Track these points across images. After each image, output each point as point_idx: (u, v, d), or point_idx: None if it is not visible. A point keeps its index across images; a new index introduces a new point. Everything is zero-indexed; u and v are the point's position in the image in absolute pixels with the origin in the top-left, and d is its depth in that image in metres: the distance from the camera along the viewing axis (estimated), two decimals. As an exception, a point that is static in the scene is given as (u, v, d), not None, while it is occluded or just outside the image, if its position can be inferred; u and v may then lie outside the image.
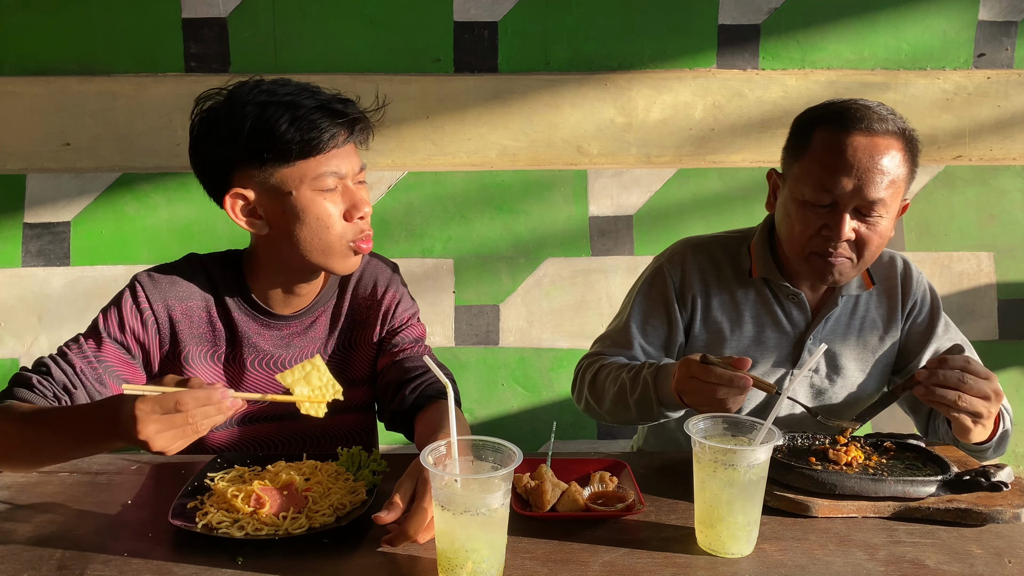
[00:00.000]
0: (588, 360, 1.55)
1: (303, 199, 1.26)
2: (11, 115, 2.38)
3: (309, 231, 1.27)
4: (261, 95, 1.24)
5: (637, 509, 1.09)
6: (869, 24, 2.43)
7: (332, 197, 1.28)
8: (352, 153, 1.30)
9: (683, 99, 2.46)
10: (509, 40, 2.42)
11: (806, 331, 1.51)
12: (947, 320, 1.56)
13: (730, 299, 1.53)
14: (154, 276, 1.36)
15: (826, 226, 1.36)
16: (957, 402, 1.20)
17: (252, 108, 1.23)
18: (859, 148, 1.33)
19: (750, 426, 1.06)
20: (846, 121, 1.35)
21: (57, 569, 0.96)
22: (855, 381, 1.54)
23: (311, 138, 1.23)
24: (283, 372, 1.14)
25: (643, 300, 1.55)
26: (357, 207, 1.29)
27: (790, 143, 1.44)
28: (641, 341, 1.53)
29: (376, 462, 1.18)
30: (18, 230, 2.42)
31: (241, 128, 1.23)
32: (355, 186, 1.30)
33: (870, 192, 1.32)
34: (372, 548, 1.01)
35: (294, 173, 1.25)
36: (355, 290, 1.44)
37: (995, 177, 2.52)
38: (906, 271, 1.55)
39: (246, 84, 1.27)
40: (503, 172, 2.48)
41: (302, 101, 1.24)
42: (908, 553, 1.02)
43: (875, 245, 1.38)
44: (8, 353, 2.47)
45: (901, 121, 1.37)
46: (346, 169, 1.28)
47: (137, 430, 1.00)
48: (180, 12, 2.36)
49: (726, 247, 1.56)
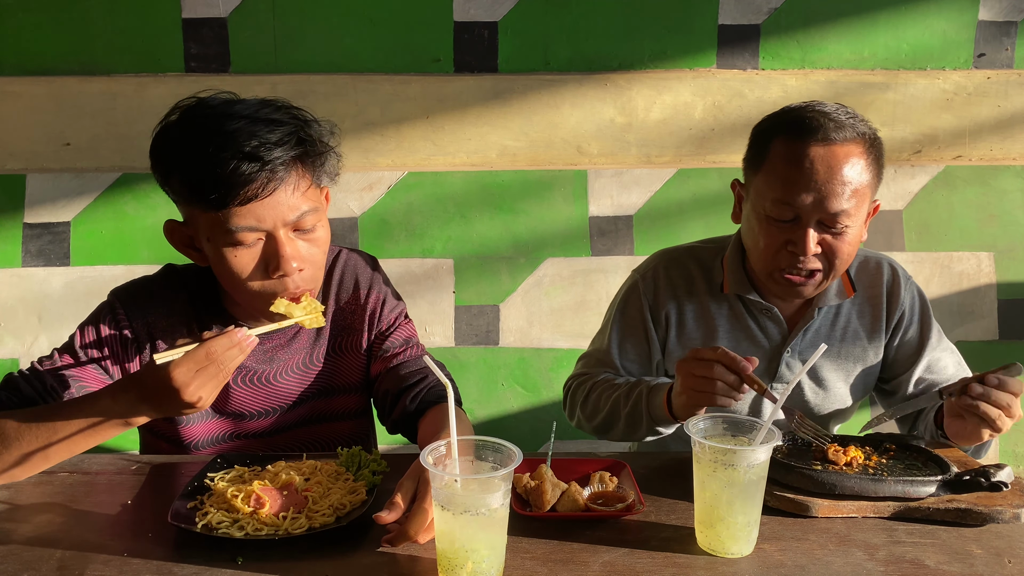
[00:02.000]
0: (576, 380, 1.55)
1: (218, 249, 1.16)
2: (11, 115, 2.38)
3: (227, 283, 1.20)
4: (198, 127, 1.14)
5: (637, 509, 1.09)
6: (869, 24, 2.43)
7: (248, 251, 1.15)
8: (282, 203, 1.14)
9: (683, 99, 2.46)
10: (509, 40, 2.42)
11: (783, 344, 1.48)
12: (938, 328, 1.53)
13: (704, 314, 1.51)
14: (133, 292, 1.31)
15: (791, 241, 1.32)
16: (996, 420, 1.20)
17: (180, 143, 1.14)
18: (816, 160, 1.27)
19: (750, 426, 1.06)
20: (802, 131, 1.29)
21: (57, 569, 0.96)
22: (838, 393, 1.52)
23: (215, 188, 1.10)
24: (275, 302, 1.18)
25: (620, 320, 1.55)
26: (277, 265, 1.16)
27: (749, 153, 1.40)
28: (622, 361, 1.54)
29: (376, 462, 1.18)
30: (18, 230, 2.42)
31: (165, 161, 1.17)
32: (289, 235, 1.17)
33: (832, 205, 1.28)
34: (372, 548, 1.01)
35: (209, 220, 1.14)
36: (337, 293, 1.39)
37: (995, 177, 2.52)
38: (893, 280, 1.50)
39: (199, 109, 1.16)
40: (503, 172, 2.48)
41: (230, 142, 1.10)
42: (908, 553, 1.02)
43: (845, 253, 1.33)
44: (8, 353, 2.47)
45: (861, 124, 1.32)
46: (268, 221, 1.14)
47: (183, 395, 1.03)
48: (180, 12, 2.36)
49: (700, 261, 1.53)
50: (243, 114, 1.14)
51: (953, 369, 1.51)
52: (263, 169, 1.11)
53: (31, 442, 1.12)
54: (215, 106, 1.16)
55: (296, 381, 1.37)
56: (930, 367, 1.50)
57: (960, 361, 1.53)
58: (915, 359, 1.50)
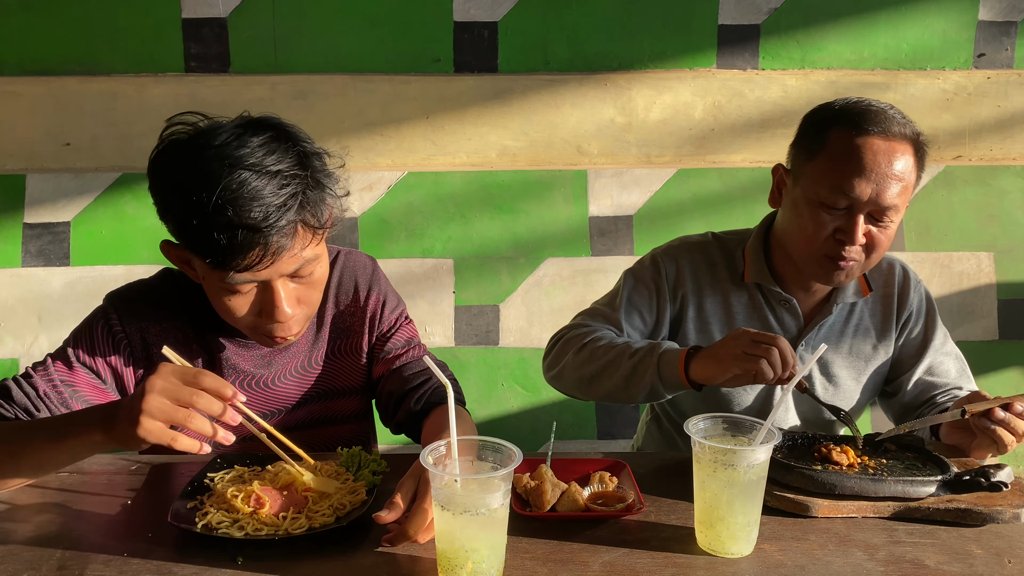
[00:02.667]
0: (574, 330, 1.47)
1: (212, 286, 1.15)
2: (11, 115, 2.38)
3: (222, 314, 1.19)
4: (198, 177, 1.07)
5: (637, 509, 1.09)
6: (869, 24, 2.43)
7: (243, 297, 1.15)
8: (283, 259, 1.12)
9: (683, 99, 2.46)
10: (509, 40, 2.42)
11: (798, 337, 1.49)
12: (944, 331, 1.54)
13: (723, 301, 1.51)
14: (128, 297, 1.29)
15: (840, 229, 1.34)
16: (1009, 447, 1.24)
17: (180, 188, 1.09)
18: (878, 152, 1.31)
19: (750, 426, 1.06)
20: (865, 123, 1.32)
21: (57, 569, 0.96)
22: (848, 389, 1.52)
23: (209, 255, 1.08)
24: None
25: (632, 282, 1.51)
26: (270, 314, 1.15)
27: (803, 140, 1.40)
28: (627, 323, 1.48)
29: (376, 462, 1.18)
30: (18, 230, 2.42)
31: (164, 199, 1.13)
32: (285, 283, 1.16)
33: (885, 198, 1.31)
34: (372, 548, 1.01)
35: (201, 265, 1.13)
36: (336, 296, 1.37)
37: (995, 177, 2.52)
38: (904, 279, 1.53)
39: (202, 146, 1.10)
40: (503, 172, 2.48)
41: (236, 201, 1.06)
42: (908, 553, 1.02)
43: (883, 248, 1.37)
44: (8, 353, 2.47)
45: (913, 125, 1.36)
46: (264, 275, 1.12)
47: (146, 385, 0.96)
48: (180, 12, 2.36)
49: (722, 248, 1.53)
50: (247, 163, 1.08)
51: (955, 374, 1.51)
52: (265, 240, 1.08)
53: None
54: (218, 147, 1.09)
55: (295, 384, 1.36)
56: (931, 369, 1.50)
57: (964, 368, 1.53)
58: (917, 360, 1.51)
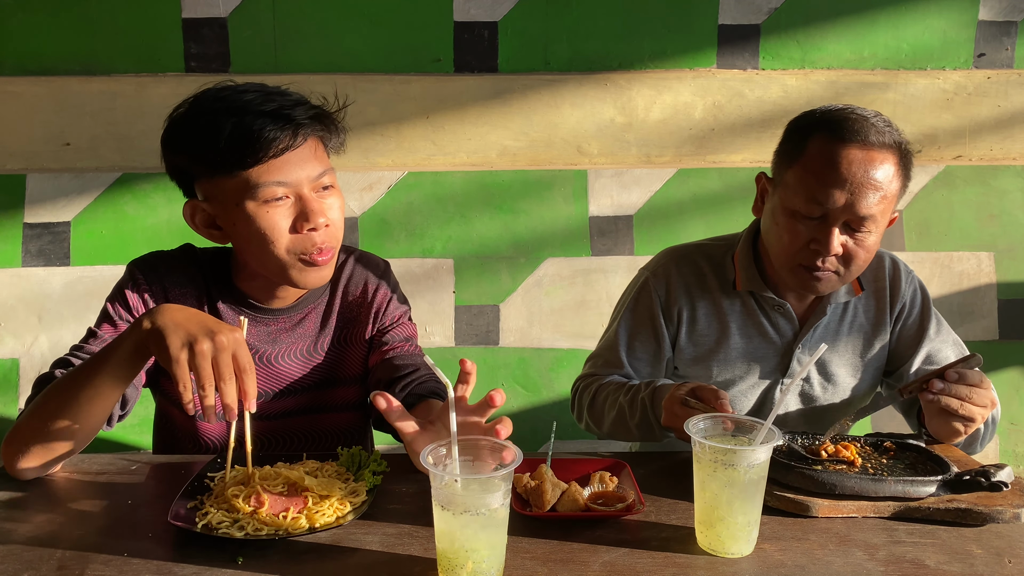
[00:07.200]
0: (583, 382, 1.56)
1: (248, 211, 1.22)
2: (11, 115, 2.38)
3: (257, 246, 1.24)
4: (216, 103, 1.21)
5: (637, 509, 1.09)
6: (869, 24, 2.43)
7: (279, 209, 1.22)
8: (307, 159, 1.23)
9: (683, 99, 2.46)
10: (509, 40, 2.42)
11: (794, 340, 1.50)
12: (939, 319, 1.55)
13: (716, 310, 1.51)
14: (150, 261, 1.39)
15: (815, 239, 1.33)
16: (958, 410, 1.22)
17: (201, 118, 1.21)
18: (854, 161, 1.29)
19: (750, 426, 1.06)
20: (843, 131, 1.31)
21: (57, 569, 0.96)
22: (847, 387, 1.53)
23: (247, 146, 1.18)
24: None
25: (630, 317, 1.55)
26: (307, 218, 1.23)
27: (783, 147, 1.41)
28: (630, 359, 1.54)
29: (376, 462, 1.18)
30: (18, 230, 2.43)
31: (188, 138, 1.22)
32: (313, 194, 1.24)
33: (861, 208, 1.30)
34: (372, 548, 1.01)
35: (238, 184, 1.21)
36: (346, 289, 1.44)
37: (995, 177, 2.52)
38: (895, 271, 1.53)
39: (210, 92, 1.24)
40: (503, 172, 2.48)
41: (251, 107, 1.20)
42: (908, 553, 1.02)
43: (862, 259, 1.36)
44: (8, 353, 2.47)
45: (897, 133, 1.34)
46: (295, 177, 1.22)
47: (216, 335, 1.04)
48: (180, 12, 2.36)
49: (711, 257, 1.54)
50: (254, 89, 1.23)
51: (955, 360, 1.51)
52: (289, 125, 1.20)
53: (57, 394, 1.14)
54: (225, 87, 1.24)
55: (298, 367, 1.41)
56: (930, 358, 1.51)
57: (963, 354, 1.52)
58: (914, 349, 1.51)
